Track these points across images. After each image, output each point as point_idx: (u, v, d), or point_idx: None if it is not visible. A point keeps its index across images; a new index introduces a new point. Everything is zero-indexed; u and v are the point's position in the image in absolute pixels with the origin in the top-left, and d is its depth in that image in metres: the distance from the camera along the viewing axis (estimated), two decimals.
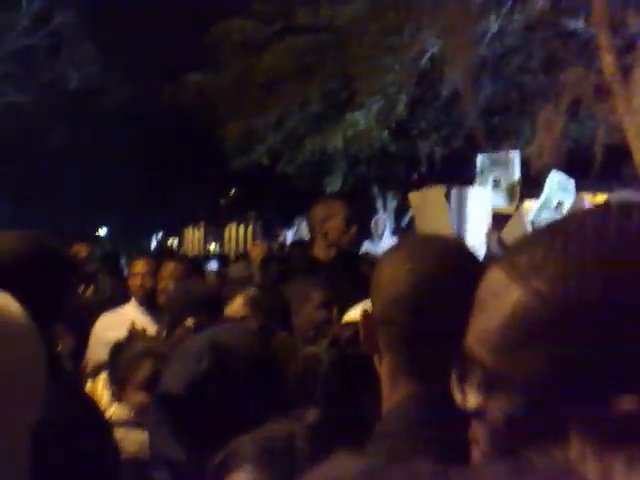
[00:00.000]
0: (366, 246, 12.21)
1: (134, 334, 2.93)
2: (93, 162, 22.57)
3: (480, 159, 9.90)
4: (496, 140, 12.13)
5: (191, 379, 1.55)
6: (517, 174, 9.62)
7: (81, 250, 8.79)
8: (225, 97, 15.37)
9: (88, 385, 2.70)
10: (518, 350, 0.80)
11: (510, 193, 9.62)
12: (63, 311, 2.07)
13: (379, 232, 12.37)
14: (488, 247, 8.89)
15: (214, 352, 1.57)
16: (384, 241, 12.24)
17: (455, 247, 1.39)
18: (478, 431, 0.86)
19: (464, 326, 0.87)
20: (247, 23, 14.93)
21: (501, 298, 0.82)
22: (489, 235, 8.73)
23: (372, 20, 12.06)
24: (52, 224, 22.85)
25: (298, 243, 6.52)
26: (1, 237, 2.02)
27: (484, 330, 0.83)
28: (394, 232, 13.91)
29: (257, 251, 5.15)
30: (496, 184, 9.70)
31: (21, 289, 1.74)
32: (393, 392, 1.27)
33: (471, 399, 0.85)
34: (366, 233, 13.21)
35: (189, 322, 2.91)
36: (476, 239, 7.90)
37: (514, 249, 0.85)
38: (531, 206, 10.02)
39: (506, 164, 9.74)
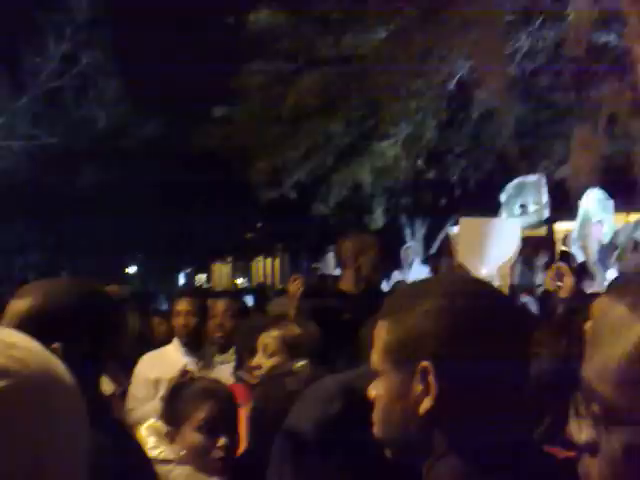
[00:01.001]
0: (396, 276, 12.10)
1: (190, 375, 2.90)
2: (122, 201, 22.80)
3: (506, 189, 9.85)
4: (529, 161, 12.02)
5: (321, 421, 1.50)
6: (545, 197, 9.52)
7: (114, 290, 8.82)
8: (251, 133, 15.49)
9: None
10: None
11: (538, 216, 9.53)
12: (114, 354, 2.09)
13: (409, 261, 12.27)
14: (513, 276, 8.86)
15: (344, 396, 1.52)
16: (413, 270, 12.13)
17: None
18: (591, 466, 0.87)
19: None
20: (268, 64, 15.08)
21: (622, 333, 0.84)
22: (515, 263, 8.74)
23: (396, 46, 12.05)
24: (83, 265, 23.09)
25: (324, 277, 6.48)
26: (51, 285, 2.03)
27: (604, 365, 0.85)
28: (424, 261, 13.80)
29: (296, 286, 5.11)
30: (523, 210, 9.62)
31: (73, 335, 1.88)
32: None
33: (585, 433, 0.87)
34: (395, 262, 13.12)
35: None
36: (492, 269, 7.82)
37: (629, 283, 0.91)
38: (565, 228, 9.94)
39: (533, 189, 9.65)
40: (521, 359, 1.26)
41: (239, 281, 34.19)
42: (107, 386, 3.52)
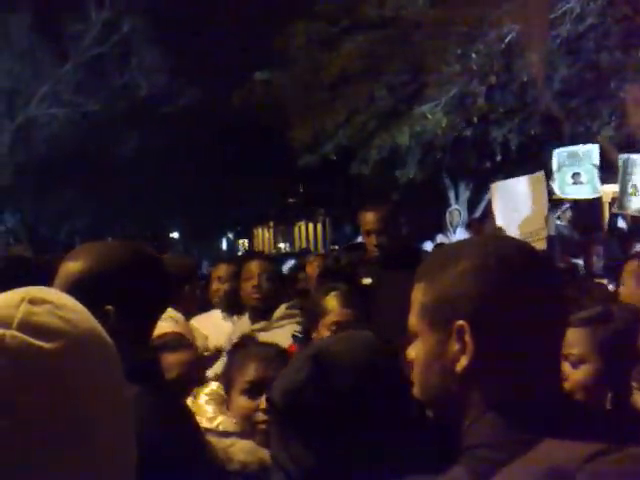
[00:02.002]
0: (440, 239, 12.02)
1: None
2: (164, 167, 22.97)
3: (556, 155, 9.66)
4: (573, 123, 11.79)
5: (289, 389, 1.48)
6: (596, 170, 9.34)
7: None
8: (292, 97, 15.40)
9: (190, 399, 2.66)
10: None
11: (592, 188, 9.34)
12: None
13: (453, 224, 12.15)
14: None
15: (314, 363, 1.49)
16: (458, 234, 12.03)
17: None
18: None
19: None
20: (312, 25, 14.92)
21: None
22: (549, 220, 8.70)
23: (442, 9, 11.83)
24: (127, 231, 23.41)
25: (352, 247, 6.53)
26: (103, 247, 2.03)
27: None
28: (468, 224, 13.67)
29: (313, 267, 5.14)
30: (576, 179, 9.46)
31: (126, 297, 1.88)
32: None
33: None
34: (439, 226, 13.04)
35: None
36: (530, 227, 7.81)
37: None
38: (612, 191, 9.76)
39: (585, 159, 9.47)
40: (556, 317, 1.27)
41: (281, 246, 34.36)
42: None
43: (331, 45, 14.49)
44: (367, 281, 3.61)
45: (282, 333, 3.76)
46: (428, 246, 12.05)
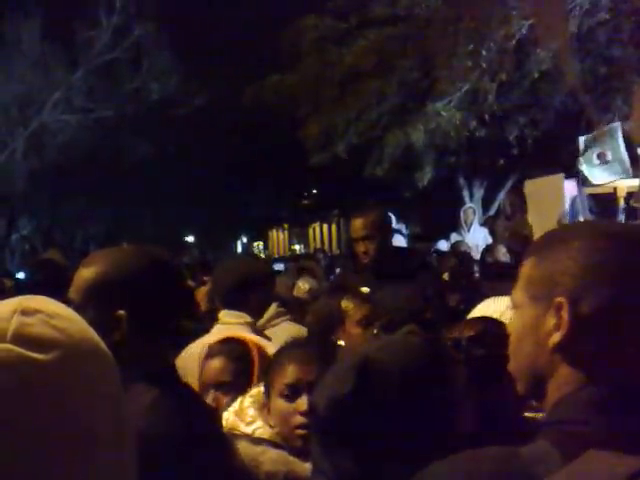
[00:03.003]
0: (454, 237, 11.96)
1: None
2: (176, 171, 23.02)
3: (582, 140, 9.55)
4: (588, 118, 11.72)
5: (334, 400, 1.46)
6: (622, 145, 9.15)
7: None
8: (303, 95, 15.37)
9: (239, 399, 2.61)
10: None
11: (621, 165, 9.15)
12: (177, 323, 2.07)
13: (468, 223, 12.08)
14: None
15: (361, 371, 1.47)
16: (473, 232, 11.95)
17: None
18: None
19: None
20: (322, 20, 14.87)
21: None
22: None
23: (454, 5, 11.77)
24: (142, 235, 23.47)
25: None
26: (116, 253, 2.03)
27: None
28: (483, 222, 13.60)
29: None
30: (602, 159, 9.29)
31: (138, 302, 1.88)
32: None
33: None
34: (453, 224, 12.97)
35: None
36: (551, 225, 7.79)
37: None
38: (628, 185, 9.64)
39: (608, 137, 9.31)
40: None
41: (296, 247, 34.37)
42: None
43: (342, 42, 14.45)
44: (366, 290, 3.60)
45: (277, 331, 3.72)
46: (443, 245, 12.00)
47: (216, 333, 3.38)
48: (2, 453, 0.81)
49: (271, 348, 2.81)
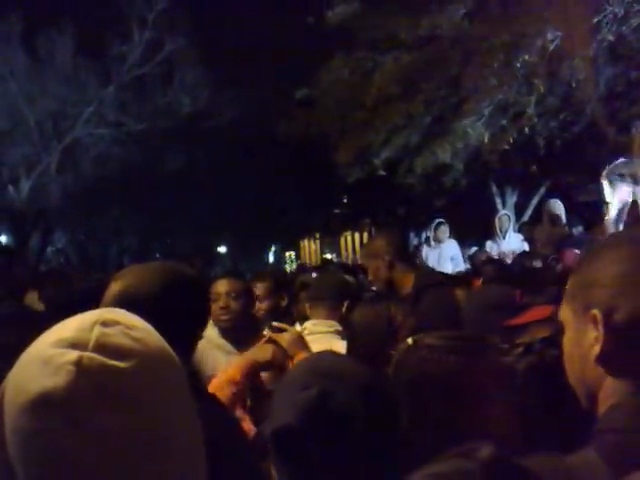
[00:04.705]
0: (489, 245, 11.82)
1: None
2: (208, 182, 23.15)
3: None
4: (619, 124, 11.60)
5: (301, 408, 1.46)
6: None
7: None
8: (333, 119, 15.52)
9: None
10: None
11: (634, 179, 9.13)
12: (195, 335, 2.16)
13: (503, 230, 11.94)
14: None
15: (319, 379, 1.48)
16: (509, 239, 11.79)
17: None
18: None
19: None
20: (350, 59, 15.02)
21: None
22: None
23: (478, 22, 11.79)
24: (175, 247, 23.64)
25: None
26: (143, 268, 2.14)
27: None
28: (519, 229, 13.45)
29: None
30: (622, 178, 9.30)
31: (160, 317, 1.96)
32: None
33: None
34: (488, 232, 12.85)
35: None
36: None
37: None
38: None
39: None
40: None
41: (328, 256, 34.34)
42: None
43: (369, 71, 14.56)
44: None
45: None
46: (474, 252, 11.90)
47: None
48: (81, 452, 0.86)
49: None
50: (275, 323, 3.47)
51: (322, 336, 3.48)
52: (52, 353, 0.90)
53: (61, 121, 20.82)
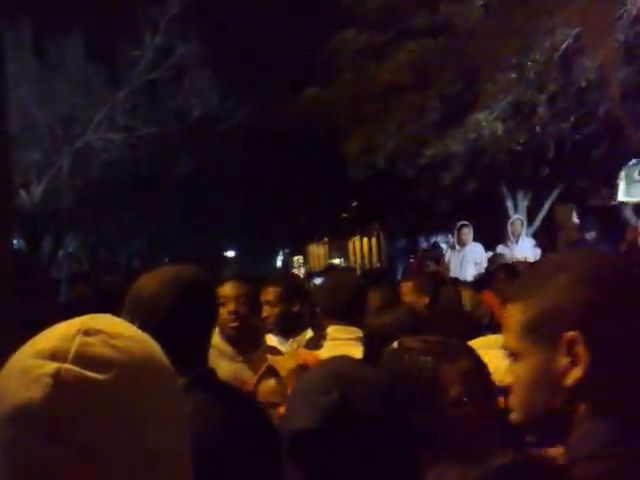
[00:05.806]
0: (500, 249, 11.76)
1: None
2: (218, 185, 23.17)
3: (624, 168, 9.54)
4: (636, 124, 11.57)
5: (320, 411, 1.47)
6: None
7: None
8: (342, 109, 15.36)
9: None
10: None
11: None
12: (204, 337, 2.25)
13: (516, 235, 11.87)
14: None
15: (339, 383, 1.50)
16: (522, 244, 11.74)
17: None
18: None
19: None
20: (360, 34, 14.83)
21: None
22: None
23: (494, 17, 11.71)
24: (184, 251, 23.65)
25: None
26: (155, 275, 2.21)
27: None
28: (533, 234, 13.41)
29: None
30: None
31: (169, 320, 2.04)
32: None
33: None
34: (499, 236, 12.81)
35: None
36: None
37: None
38: None
39: None
40: None
41: (336, 261, 34.29)
42: None
43: (380, 55, 14.40)
44: None
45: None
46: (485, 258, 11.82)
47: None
48: (62, 467, 0.84)
49: None
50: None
51: (343, 343, 3.48)
52: (31, 364, 0.88)
53: (72, 125, 20.84)
